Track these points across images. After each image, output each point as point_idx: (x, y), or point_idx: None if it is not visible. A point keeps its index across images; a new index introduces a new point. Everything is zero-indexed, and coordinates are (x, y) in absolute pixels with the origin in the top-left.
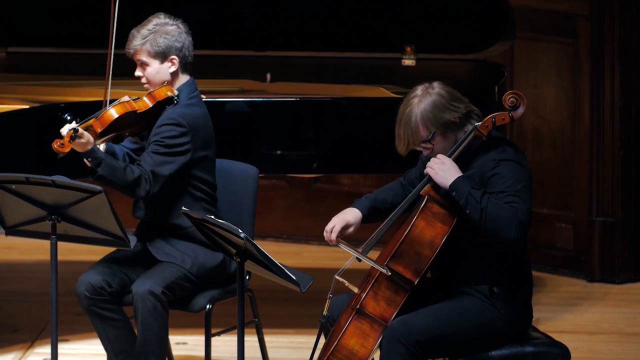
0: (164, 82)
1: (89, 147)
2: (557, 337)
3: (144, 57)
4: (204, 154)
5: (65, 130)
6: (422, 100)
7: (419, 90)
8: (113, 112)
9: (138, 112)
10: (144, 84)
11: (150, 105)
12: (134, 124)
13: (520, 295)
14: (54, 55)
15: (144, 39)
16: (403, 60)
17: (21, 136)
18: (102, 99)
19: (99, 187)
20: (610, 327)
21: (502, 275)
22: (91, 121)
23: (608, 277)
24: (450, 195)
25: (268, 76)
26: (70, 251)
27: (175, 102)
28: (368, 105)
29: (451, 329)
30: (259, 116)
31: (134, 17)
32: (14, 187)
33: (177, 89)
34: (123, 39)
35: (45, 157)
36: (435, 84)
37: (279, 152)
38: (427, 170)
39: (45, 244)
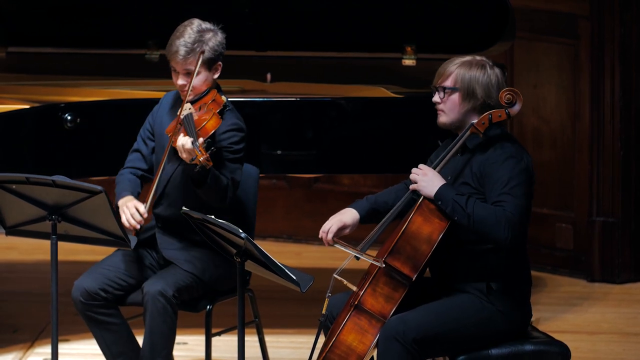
0: (207, 88)
1: None
2: (557, 337)
3: (194, 67)
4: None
5: (188, 144)
6: (474, 64)
7: (482, 59)
8: (213, 125)
9: None
10: (185, 91)
11: (218, 111)
12: None
13: (518, 293)
14: (54, 55)
15: (193, 48)
16: (403, 60)
17: (21, 136)
18: (101, 98)
19: (99, 187)
20: (610, 327)
21: (499, 272)
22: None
23: (608, 277)
24: None
25: (268, 76)
26: (71, 251)
27: (227, 107)
28: (368, 105)
29: (448, 327)
30: (259, 116)
31: (136, 17)
32: (14, 187)
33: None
34: (125, 39)
35: (45, 157)
36: (498, 70)
37: (279, 152)
38: (412, 183)
39: (46, 244)
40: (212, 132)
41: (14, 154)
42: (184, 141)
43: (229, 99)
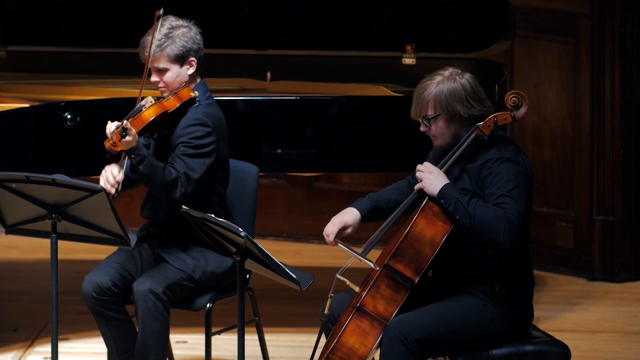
0: (182, 84)
1: (134, 144)
2: (557, 335)
3: (163, 64)
4: (223, 154)
5: (112, 127)
6: (445, 82)
7: (448, 71)
8: (150, 113)
9: (168, 112)
10: (161, 87)
11: (177, 105)
12: (161, 125)
13: (522, 295)
14: (55, 54)
15: (161, 44)
16: (403, 59)
17: (21, 135)
18: (101, 97)
19: (99, 186)
20: (610, 326)
21: (503, 275)
22: (129, 121)
23: (608, 276)
24: None
25: (268, 75)
26: (71, 250)
27: (196, 102)
28: (368, 104)
29: (451, 328)
30: (260, 115)
31: (133, 16)
32: (14, 185)
33: (194, 90)
34: (125, 38)
35: (45, 155)
36: (467, 75)
37: (279, 150)
38: (415, 181)
39: (46, 242)
40: (150, 121)
41: (14, 152)
42: (109, 126)
43: (228, 98)
